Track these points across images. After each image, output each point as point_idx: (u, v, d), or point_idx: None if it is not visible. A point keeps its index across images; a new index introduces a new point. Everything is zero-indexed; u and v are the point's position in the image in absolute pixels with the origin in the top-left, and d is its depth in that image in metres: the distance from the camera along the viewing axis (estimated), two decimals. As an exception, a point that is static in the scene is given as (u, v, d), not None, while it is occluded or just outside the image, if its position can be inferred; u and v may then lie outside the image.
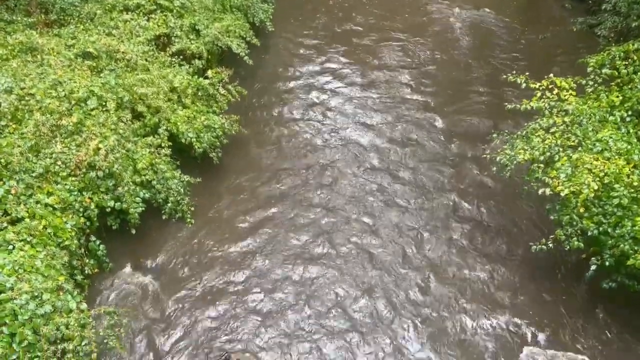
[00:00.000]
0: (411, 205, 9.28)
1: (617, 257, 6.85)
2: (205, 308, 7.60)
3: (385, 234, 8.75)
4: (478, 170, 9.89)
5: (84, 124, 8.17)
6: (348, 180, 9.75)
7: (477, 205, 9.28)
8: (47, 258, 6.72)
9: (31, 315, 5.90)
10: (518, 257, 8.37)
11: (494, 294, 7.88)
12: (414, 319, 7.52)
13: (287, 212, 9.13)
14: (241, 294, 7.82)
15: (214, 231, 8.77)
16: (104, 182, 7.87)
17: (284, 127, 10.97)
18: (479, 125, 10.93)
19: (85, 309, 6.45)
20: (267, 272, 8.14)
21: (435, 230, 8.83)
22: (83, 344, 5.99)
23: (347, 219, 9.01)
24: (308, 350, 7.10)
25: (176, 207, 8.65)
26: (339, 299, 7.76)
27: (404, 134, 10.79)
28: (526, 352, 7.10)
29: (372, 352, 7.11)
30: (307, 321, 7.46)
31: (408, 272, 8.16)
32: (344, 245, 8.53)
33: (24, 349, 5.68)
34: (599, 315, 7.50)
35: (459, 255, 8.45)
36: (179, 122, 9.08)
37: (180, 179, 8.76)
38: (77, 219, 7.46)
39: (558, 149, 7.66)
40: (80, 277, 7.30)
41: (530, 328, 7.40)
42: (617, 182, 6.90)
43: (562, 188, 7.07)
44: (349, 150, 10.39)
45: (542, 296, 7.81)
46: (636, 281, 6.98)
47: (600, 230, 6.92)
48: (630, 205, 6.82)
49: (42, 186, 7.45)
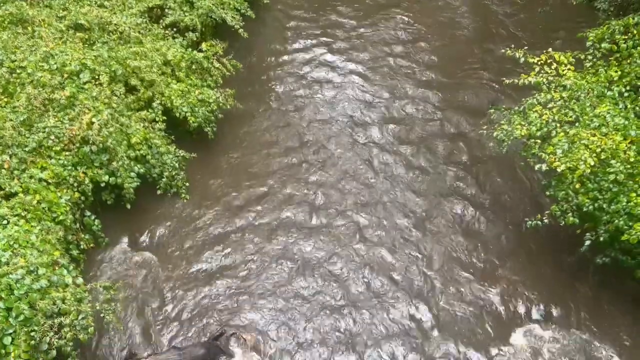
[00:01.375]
0: (406, 180, 9.26)
1: (612, 233, 6.88)
2: (201, 283, 7.63)
3: (379, 209, 8.74)
4: (474, 146, 9.85)
5: (77, 98, 8.06)
6: (344, 155, 9.70)
7: (472, 181, 9.27)
8: (42, 233, 6.70)
9: (27, 290, 5.89)
10: (513, 232, 8.40)
11: (488, 270, 7.92)
12: (408, 291, 7.56)
13: (283, 187, 9.10)
14: (237, 270, 7.84)
15: (209, 206, 8.75)
16: (98, 157, 7.81)
17: (280, 101, 10.86)
18: (476, 101, 10.84)
19: (81, 283, 6.45)
20: (263, 247, 8.15)
21: (429, 205, 8.84)
22: (80, 318, 6.00)
23: (342, 193, 9.00)
24: (304, 327, 7.15)
25: (171, 182, 8.62)
26: (334, 274, 7.79)
27: (400, 108, 10.71)
28: (521, 326, 7.18)
29: (370, 329, 7.17)
30: (304, 297, 7.50)
31: (401, 245, 8.18)
32: (338, 222, 8.53)
33: (20, 323, 5.69)
34: (593, 291, 7.57)
35: (452, 229, 8.47)
36: (173, 96, 8.98)
37: (174, 153, 8.71)
38: (72, 194, 7.43)
39: (555, 125, 7.62)
40: (76, 251, 7.29)
41: (524, 303, 7.47)
42: (613, 158, 6.89)
43: (558, 164, 7.06)
44: (344, 124, 10.31)
45: (536, 272, 7.86)
46: (630, 256, 7.02)
47: (595, 206, 6.94)
48: (626, 181, 6.82)
49: (35, 161, 7.39)
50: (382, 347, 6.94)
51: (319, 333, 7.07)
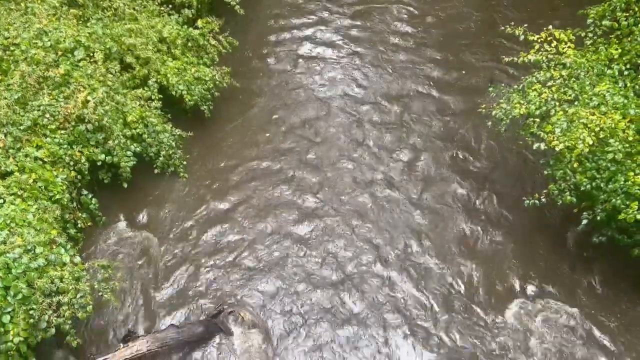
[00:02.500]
0: (403, 158, 9.24)
1: (609, 212, 6.89)
2: (199, 261, 7.65)
3: (376, 188, 8.73)
4: (472, 125, 9.80)
5: (72, 76, 7.97)
6: (341, 135, 9.65)
7: (470, 160, 9.25)
8: (39, 212, 6.69)
9: (25, 269, 5.90)
10: (510, 211, 8.41)
11: (484, 247, 7.95)
12: (403, 269, 7.60)
13: (280, 165, 9.07)
14: (236, 248, 7.86)
15: (207, 185, 8.73)
16: (94, 136, 7.77)
17: (277, 79, 10.76)
18: (475, 79, 10.74)
19: (79, 262, 6.46)
20: (262, 225, 8.16)
21: (425, 183, 8.83)
22: (78, 296, 6.02)
23: (339, 172, 8.98)
24: (303, 304, 7.19)
25: (168, 161, 8.58)
26: (333, 253, 7.81)
27: (397, 87, 10.61)
28: (515, 303, 7.24)
29: (369, 308, 7.21)
30: (303, 274, 7.53)
31: (398, 223, 8.19)
32: (336, 199, 8.53)
33: (19, 301, 5.71)
34: (588, 269, 7.62)
35: (448, 207, 8.48)
36: (169, 73, 8.88)
37: (171, 132, 8.66)
38: (68, 173, 7.40)
39: (554, 104, 7.57)
40: (73, 230, 7.30)
41: (519, 280, 7.52)
42: (612, 137, 6.86)
43: (557, 143, 7.03)
44: (342, 103, 10.23)
45: (532, 250, 7.90)
46: (626, 235, 7.05)
47: (593, 185, 6.93)
48: (624, 160, 6.81)
49: (30, 139, 7.34)
50: (379, 324, 6.99)
51: (319, 310, 7.12)
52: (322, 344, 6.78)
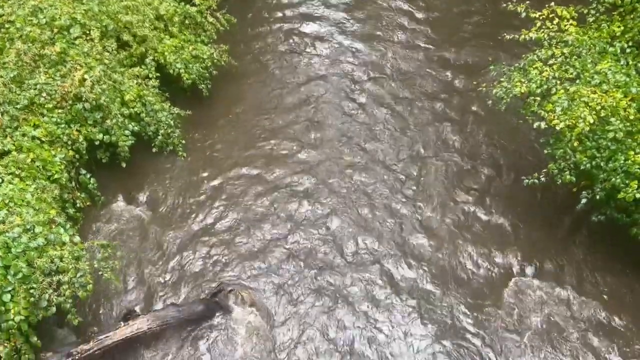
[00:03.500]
0: (402, 137, 9.20)
1: (608, 191, 6.89)
2: (199, 241, 7.66)
3: (375, 169, 8.71)
4: (472, 103, 9.75)
5: (68, 54, 7.89)
6: (340, 113, 9.60)
7: (470, 138, 9.22)
8: (37, 191, 6.68)
9: (24, 248, 5.91)
10: (510, 190, 8.40)
11: (482, 226, 7.96)
12: (400, 248, 7.62)
13: (279, 145, 9.04)
14: (235, 227, 7.86)
15: (206, 163, 8.71)
16: (92, 115, 7.71)
17: (276, 58, 10.65)
18: (475, 57, 10.65)
19: (78, 241, 6.46)
20: (260, 204, 8.16)
21: (425, 162, 8.81)
22: (78, 275, 6.03)
23: (339, 152, 8.95)
24: (303, 283, 7.22)
25: (166, 140, 8.54)
26: (332, 232, 7.82)
27: (397, 65, 10.53)
28: (514, 283, 7.27)
29: (367, 286, 7.25)
30: (302, 254, 7.55)
31: (395, 204, 8.20)
32: (335, 182, 8.50)
33: (19, 280, 5.72)
34: (586, 248, 7.64)
35: (448, 186, 8.47)
36: (167, 52, 8.79)
37: (169, 111, 8.61)
38: (66, 152, 7.37)
39: (555, 82, 7.51)
40: (72, 210, 7.29)
41: (518, 260, 7.54)
42: (613, 116, 6.82)
43: (557, 122, 6.98)
44: (341, 82, 10.16)
45: (531, 229, 7.91)
46: (625, 214, 7.06)
47: (593, 164, 6.91)
48: (624, 139, 6.77)
49: (27, 118, 7.30)
50: (376, 303, 7.03)
51: (319, 289, 7.15)
52: (322, 322, 6.82)
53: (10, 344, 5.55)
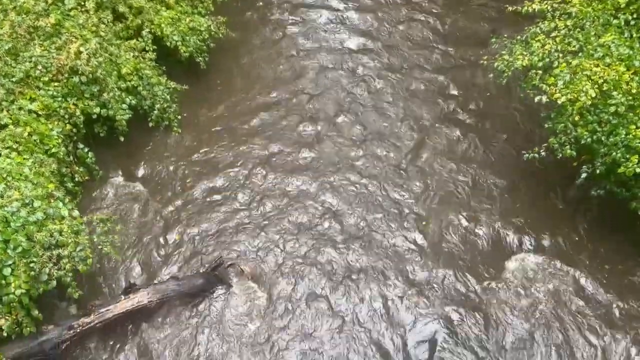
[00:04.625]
0: (402, 109, 9.14)
1: (608, 165, 6.87)
2: (197, 215, 7.66)
3: (374, 141, 8.67)
4: (474, 77, 9.66)
5: (63, 26, 7.78)
6: (340, 85, 9.53)
7: (470, 112, 9.16)
8: (35, 165, 6.64)
9: (23, 222, 5.90)
10: (509, 165, 8.38)
11: (481, 200, 7.96)
12: (399, 221, 7.63)
13: (278, 121, 8.98)
14: (234, 201, 7.86)
15: (203, 138, 8.66)
16: (88, 88, 7.63)
17: (274, 30, 10.51)
18: (477, 29, 10.51)
19: (77, 216, 6.46)
20: (258, 178, 8.14)
21: (425, 135, 8.77)
22: (78, 250, 6.05)
23: (337, 126, 8.90)
24: (303, 258, 7.24)
25: (163, 115, 8.47)
26: (328, 208, 7.82)
27: (398, 37, 10.40)
28: (513, 256, 7.30)
29: (364, 261, 7.28)
30: (301, 227, 7.56)
31: (394, 177, 8.18)
32: (333, 157, 8.47)
33: (19, 254, 5.73)
34: (585, 223, 7.65)
35: (448, 160, 8.44)
36: (163, 24, 8.65)
37: (166, 85, 8.52)
38: (63, 126, 7.31)
39: (558, 55, 7.42)
40: (71, 184, 7.27)
41: (517, 234, 7.55)
42: (615, 90, 6.75)
43: (559, 95, 6.92)
44: (341, 55, 10.04)
45: (530, 203, 7.91)
46: (625, 189, 7.05)
47: (593, 139, 6.87)
48: (626, 113, 6.72)
49: (24, 92, 7.21)
50: (374, 277, 7.06)
51: (318, 263, 7.17)
52: (321, 295, 6.87)
53: (12, 317, 5.59)
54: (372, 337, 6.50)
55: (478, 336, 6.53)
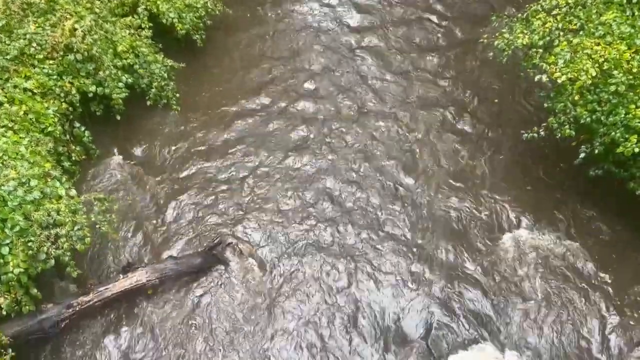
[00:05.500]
0: (401, 88, 9.08)
1: (607, 146, 6.85)
2: (196, 194, 7.65)
3: (370, 120, 8.64)
4: (473, 56, 9.58)
5: (57, 2, 7.68)
6: (337, 63, 9.45)
7: (470, 91, 9.11)
8: (32, 144, 6.59)
9: (20, 202, 5.88)
10: (509, 144, 8.36)
11: (479, 179, 7.96)
12: (400, 200, 7.64)
13: (276, 98, 8.92)
14: (232, 180, 7.84)
15: (201, 116, 8.61)
16: (84, 66, 7.54)
17: (271, 7, 10.37)
18: (477, 7, 10.39)
19: (74, 195, 6.43)
20: (256, 157, 8.12)
21: (424, 113, 8.74)
22: (75, 229, 6.03)
23: (336, 105, 8.86)
24: (301, 238, 7.25)
25: (160, 93, 8.40)
26: (326, 191, 7.80)
27: (398, 16, 10.28)
28: (509, 235, 7.33)
29: (361, 235, 7.30)
30: (299, 207, 7.56)
31: (392, 151, 8.18)
32: (330, 142, 8.43)
33: (16, 234, 5.72)
34: (582, 202, 7.66)
35: (446, 138, 8.43)
36: (159, 0, 8.51)
37: (163, 63, 8.43)
38: (59, 105, 7.24)
39: (558, 33, 7.35)
40: (68, 164, 7.24)
41: (514, 212, 7.57)
42: (616, 69, 6.70)
43: (559, 75, 6.88)
44: (340, 33, 9.93)
45: (529, 182, 7.91)
46: (622, 169, 7.05)
47: (593, 118, 6.84)
48: (626, 93, 6.68)
49: (18, 70, 7.13)
50: (373, 255, 7.09)
51: (315, 242, 7.19)
52: (319, 274, 6.89)
53: (11, 296, 5.60)
54: (368, 314, 6.54)
55: (473, 311, 6.58)
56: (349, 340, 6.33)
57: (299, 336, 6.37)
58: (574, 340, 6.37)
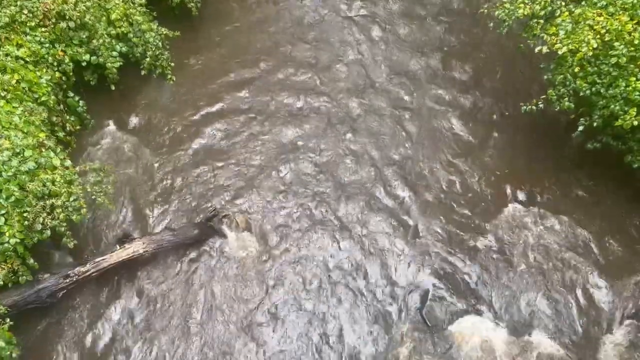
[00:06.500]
0: (400, 60, 8.96)
1: (606, 118, 6.82)
2: (192, 165, 7.61)
3: (370, 93, 8.55)
4: (472, 26, 9.43)
5: (48, -32, 7.43)
6: (337, 34, 9.30)
7: (469, 63, 9.00)
8: (25, 114, 6.52)
9: (15, 172, 5.85)
10: (507, 117, 8.31)
11: (478, 152, 7.93)
12: (398, 173, 7.63)
13: (272, 67, 8.80)
14: (228, 151, 7.79)
15: (196, 86, 8.50)
16: (77, 34, 7.41)
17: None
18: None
19: (70, 165, 6.40)
20: (253, 127, 8.05)
21: (419, 84, 8.65)
22: (71, 199, 6.02)
23: (334, 76, 8.75)
24: (297, 209, 7.26)
25: (155, 62, 8.26)
26: (321, 165, 7.76)
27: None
28: (509, 208, 7.34)
29: (359, 217, 7.30)
30: (295, 179, 7.55)
31: (390, 127, 8.13)
32: (330, 108, 8.37)
33: (12, 204, 5.70)
34: (579, 176, 7.66)
35: (445, 111, 8.36)
36: (153, -34, 8.32)
37: (157, 31, 8.26)
38: (52, 74, 7.13)
39: (560, 3, 7.22)
40: (62, 134, 7.16)
41: (513, 185, 7.57)
42: (617, 40, 6.61)
43: (560, 46, 6.78)
44: (340, 2, 9.75)
45: (526, 156, 7.89)
46: (621, 142, 7.02)
47: (592, 91, 6.79)
48: (627, 65, 6.61)
49: (10, 37, 6.98)
50: (371, 233, 7.10)
51: (310, 215, 7.20)
52: (314, 246, 6.92)
53: (7, 266, 5.62)
54: (364, 287, 6.60)
55: (469, 283, 6.64)
56: (345, 310, 6.40)
57: (294, 305, 6.43)
58: (566, 312, 6.46)
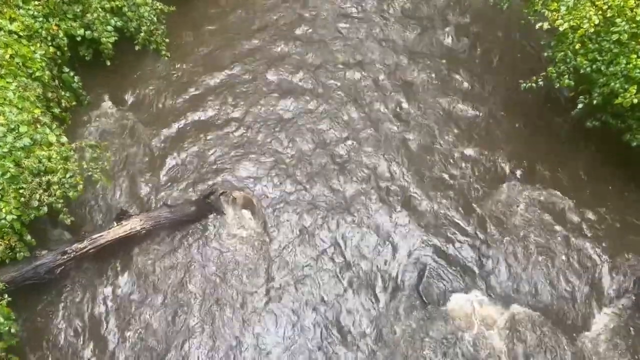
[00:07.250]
0: (400, 34, 8.88)
1: (605, 96, 6.78)
2: (189, 141, 7.56)
3: (369, 67, 8.48)
4: (472, 1, 9.31)
5: (40, -61, 7.27)
6: (334, 11, 9.17)
7: (469, 39, 8.93)
8: (19, 89, 6.43)
9: (10, 148, 5.80)
10: (507, 94, 8.25)
11: (476, 129, 7.91)
12: (395, 151, 7.60)
13: (269, 43, 8.70)
14: (224, 127, 7.74)
15: (191, 62, 8.42)
16: (71, 8, 7.30)
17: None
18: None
19: (66, 142, 6.35)
20: (249, 103, 7.99)
21: (422, 60, 8.60)
22: (68, 176, 5.98)
23: (332, 54, 8.66)
24: (294, 185, 7.24)
25: (149, 37, 8.15)
26: (320, 144, 7.72)
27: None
28: (505, 185, 7.35)
29: (358, 194, 7.30)
30: (287, 152, 7.52)
31: (388, 103, 8.07)
32: (327, 81, 8.29)
33: (7, 180, 5.67)
34: (577, 154, 7.66)
35: (444, 86, 8.31)
36: (148, -62, 8.13)
37: (152, 6, 8.13)
38: (46, 48, 7.03)
39: (562, -22, 7.12)
40: (58, 110, 7.10)
41: (509, 162, 7.56)
42: (619, 17, 6.54)
43: (561, 22, 6.71)
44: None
45: (524, 133, 7.87)
46: (620, 120, 7.00)
47: (593, 68, 6.74)
48: (628, 42, 6.55)
49: (2, 11, 6.85)
50: (369, 210, 7.09)
51: (309, 192, 7.18)
52: (312, 224, 6.92)
53: (4, 242, 5.61)
54: (360, 262, 6.63)
55: (466, 260, 6.67)
56: (342, 289, 6.44)
57: (291, 282, 6.46)
58: (563, 288, 6.51)
